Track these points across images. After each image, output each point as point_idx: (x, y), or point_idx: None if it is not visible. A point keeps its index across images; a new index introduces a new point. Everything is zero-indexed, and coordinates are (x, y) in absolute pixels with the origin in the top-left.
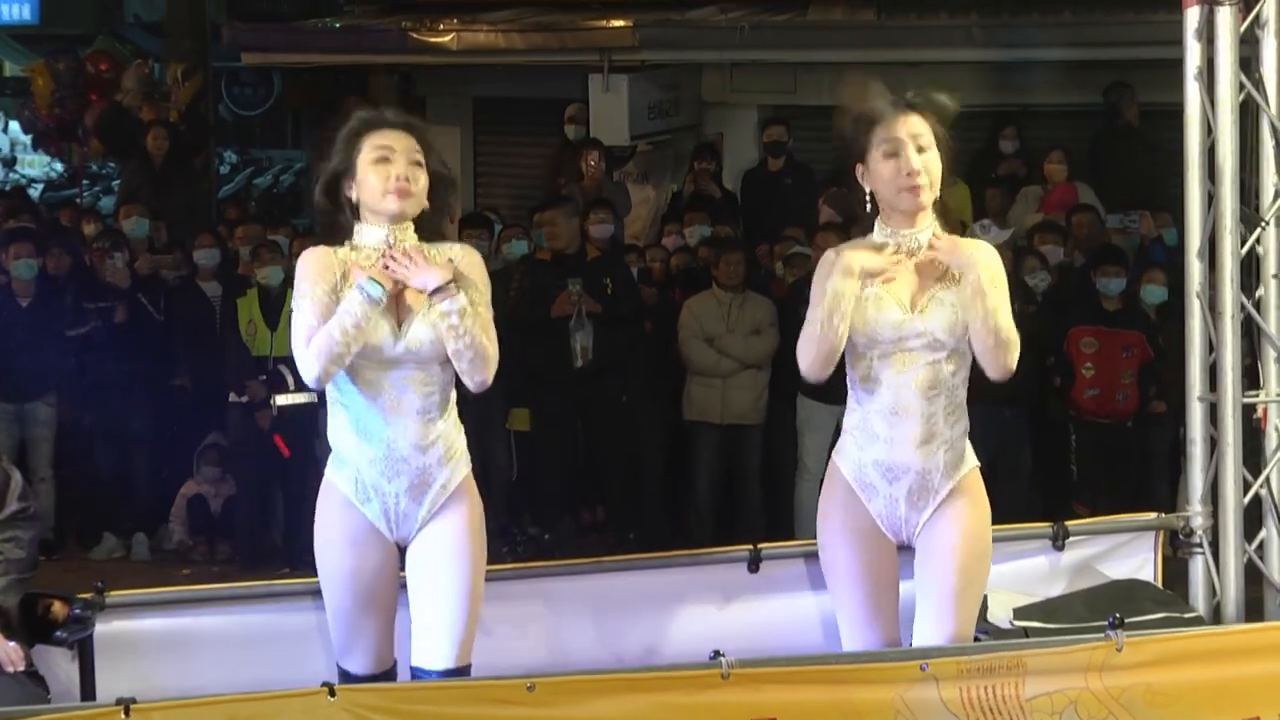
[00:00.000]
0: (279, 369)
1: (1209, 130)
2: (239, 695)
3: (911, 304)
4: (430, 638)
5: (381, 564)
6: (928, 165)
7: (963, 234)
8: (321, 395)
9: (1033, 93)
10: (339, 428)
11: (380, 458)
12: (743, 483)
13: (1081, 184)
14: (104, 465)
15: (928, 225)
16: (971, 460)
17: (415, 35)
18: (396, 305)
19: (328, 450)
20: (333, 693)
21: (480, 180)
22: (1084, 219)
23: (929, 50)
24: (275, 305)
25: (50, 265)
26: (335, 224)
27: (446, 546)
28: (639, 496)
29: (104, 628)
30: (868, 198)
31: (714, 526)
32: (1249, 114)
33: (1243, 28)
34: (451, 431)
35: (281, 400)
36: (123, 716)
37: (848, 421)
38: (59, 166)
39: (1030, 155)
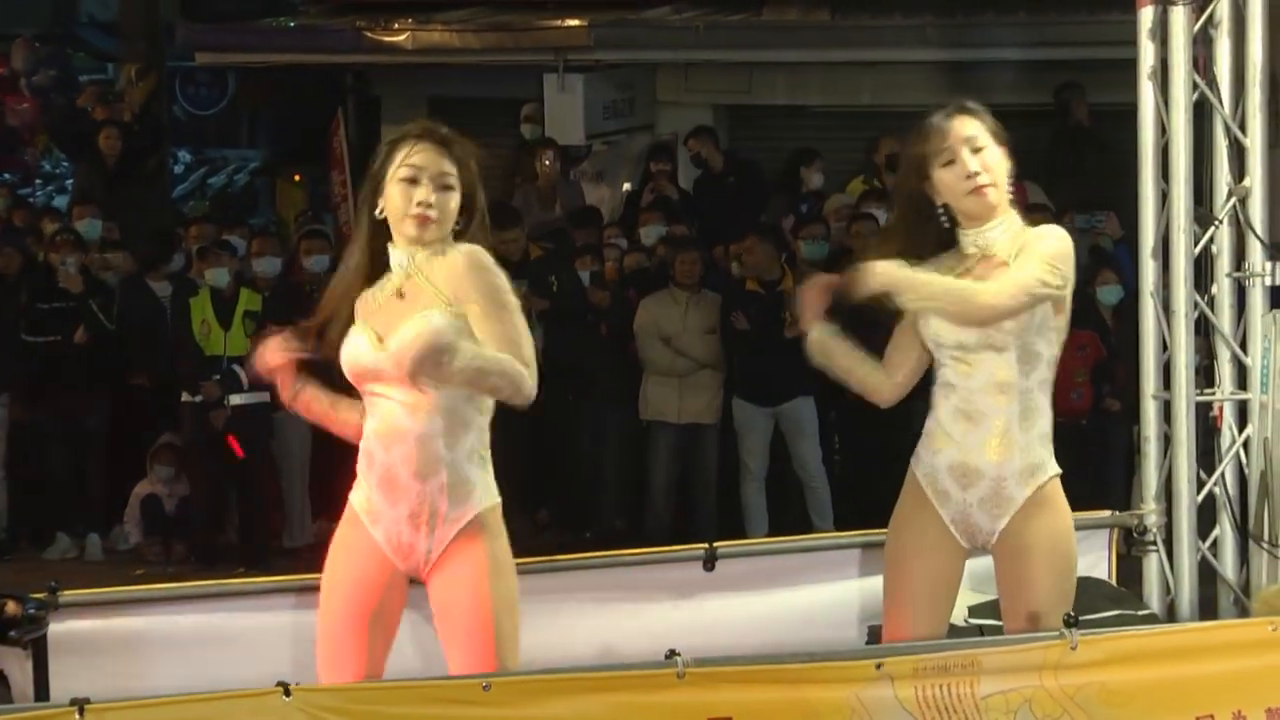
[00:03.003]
0: (232, 369)
1: (1163, 130)
2: (193, 695)
3: None
4: None
5: (380, 584)
6: (986, 164)
7: None
8: (275, 397)
9: (986, 93)
10: (362, 447)
11: (383, 482)
12: (699, 482)
13: (1031, 184)
14: (57, 465)
15: (998, 223)
16: (1051, 468)
17: (370, 35)
18: (385, 319)
19: (281, 450)
20: (287, 692)
21: None
22: (1038, 219)
23: (883, 50)
24: (228, 306)
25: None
26: (378, 244)
27: (466, 598)
28: (595, 496)
29: (57, 628)
30: (941, 211)
31: (670, 525)
32: (1203, 114)
33: (1196, 28)
34: (463, 463)
35: (236, 400)
36: (77, 716)
37: (926, 425)
38: None
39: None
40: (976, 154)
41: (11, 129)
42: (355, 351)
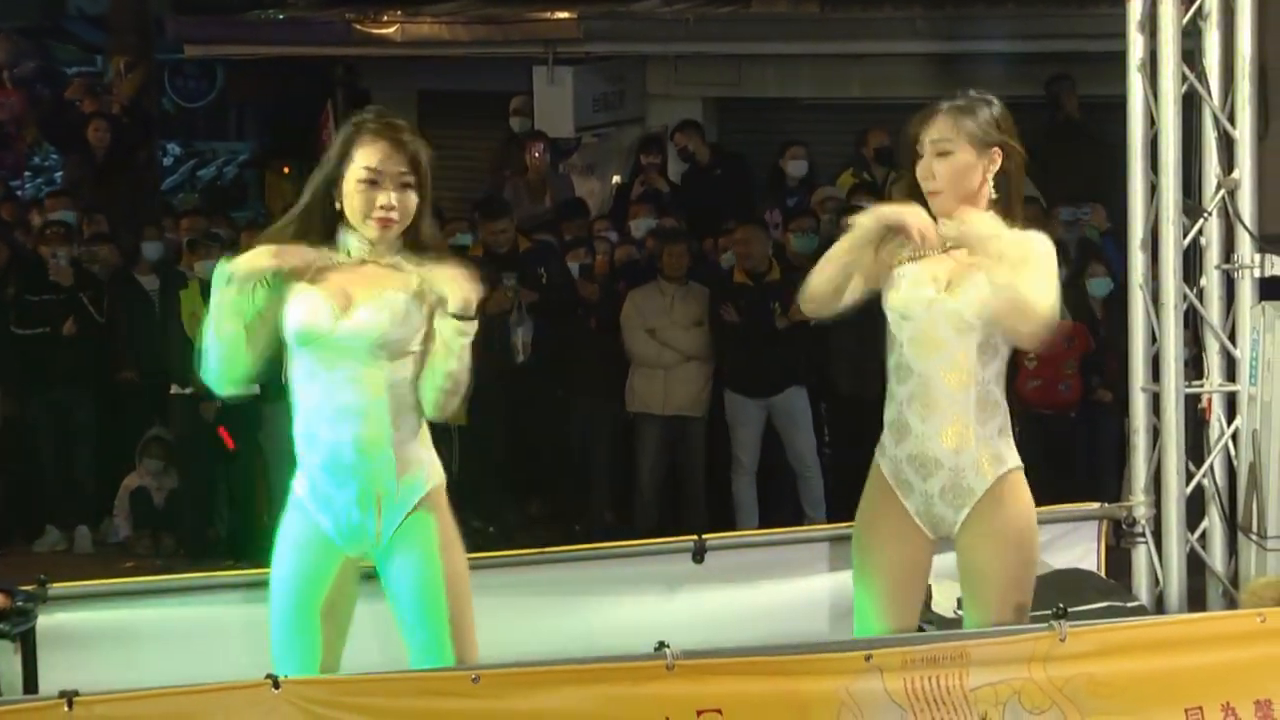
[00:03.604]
0: None
1: (1152, 122)
2: (182, 687)
3: (945, 284)
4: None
5: (328, 573)
6: (939, 170)
7: None
8: (273, 390)
9: (976, 85)
10: (296, 430)
11: (328, 463)
12: (687, 474)
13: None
14: (46, 458)
15: (955, 224)
16: (1012, 461)
17: (359, 27)
18: (341, 290)
19: (271, 442)
20: (276, 684)
21: None
22: (1030, 212)
23: (872, 42)
24: None
25: None
26: (317, 221)
27: (418, 573)
28: (584, 488)
29: (46, 620)
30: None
31: (658, 518)
32: (1191, 106)
33: (1185, 20)
34: (411, 442)
35: None
36: (65, 709)
37: (885, 416)
38: None
39: None
40: (940, 158)
41: None
42: (312, 316)
